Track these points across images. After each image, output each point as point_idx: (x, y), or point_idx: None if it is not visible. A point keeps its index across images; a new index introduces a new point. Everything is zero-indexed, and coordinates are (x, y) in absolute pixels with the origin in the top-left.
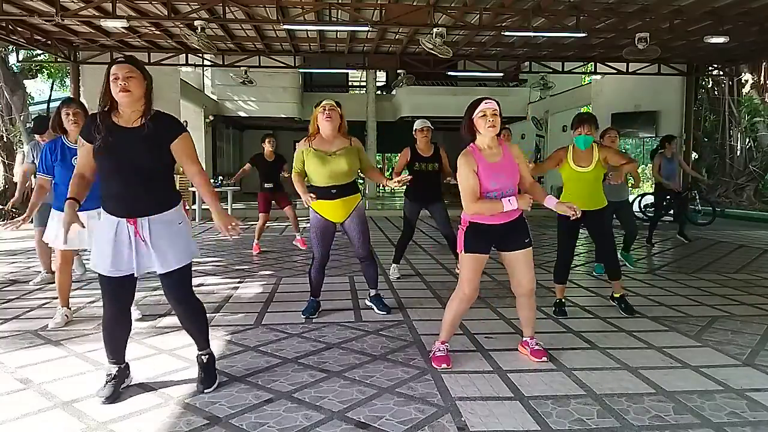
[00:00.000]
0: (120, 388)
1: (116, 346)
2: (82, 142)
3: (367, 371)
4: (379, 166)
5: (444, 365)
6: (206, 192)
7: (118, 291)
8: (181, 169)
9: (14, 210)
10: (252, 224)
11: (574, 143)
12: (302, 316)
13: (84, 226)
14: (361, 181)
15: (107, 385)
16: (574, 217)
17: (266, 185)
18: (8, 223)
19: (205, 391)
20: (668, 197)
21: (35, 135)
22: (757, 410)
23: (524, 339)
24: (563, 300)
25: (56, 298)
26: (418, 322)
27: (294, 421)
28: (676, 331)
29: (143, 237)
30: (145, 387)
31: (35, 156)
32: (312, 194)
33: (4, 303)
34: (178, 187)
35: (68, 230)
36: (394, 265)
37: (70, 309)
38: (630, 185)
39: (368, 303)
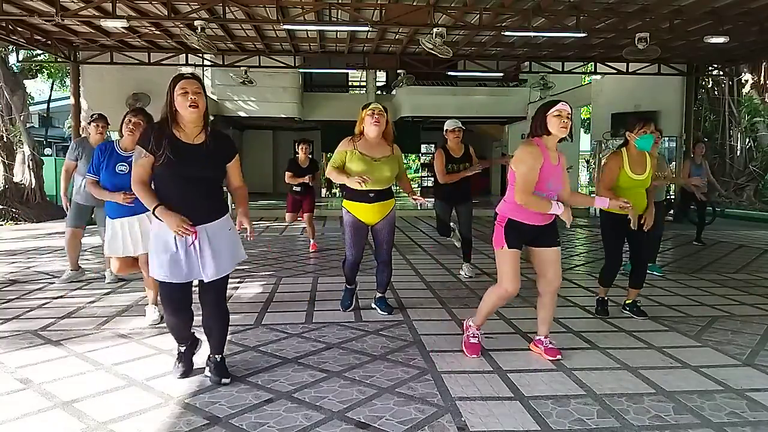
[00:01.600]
0: (191, 360)
1: (182, 335)
2: (144, 152)
3: (367, 371)
4: None
5: (474, 355)
6: (243, 200)
7: (176, 295)
8: None
9: (14, 210)
10: (253, 224)
11: (630, 147)
12: (342, 309)
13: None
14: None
15: (178, 366)
16: (625, 211)
17: (295, 188)
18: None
19: (223, 381)
20: (692, 203)
21: (89, 130)
22: (757, 410)
23: (538, 337)
24: (605, 299)
25: (57, 297)
26: (418, 322)
27: (294, 421)
28: (676, 331)
29: (201, 244)
30: (145, 387)
31: (79, 154)
32: (365, 178)
33: (4, 303)
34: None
35: (183, 231)
36: (466, 264)
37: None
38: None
39: (373, 305)
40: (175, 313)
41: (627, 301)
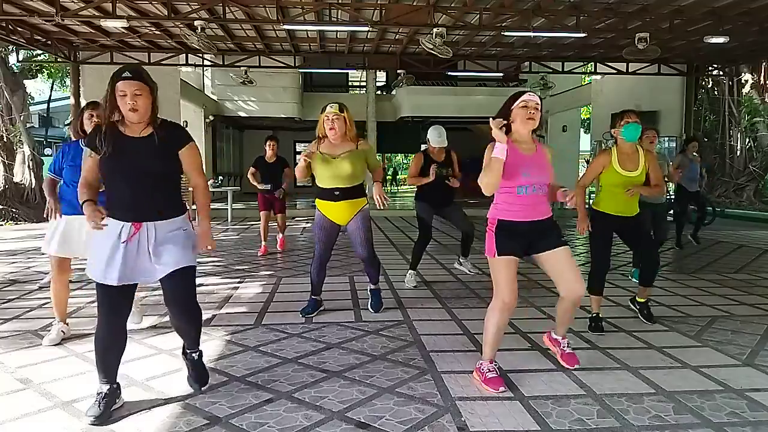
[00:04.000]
0: (111, 408)
1: (109, 363)
2: (89, 151)
3: (367, 371)
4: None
5: (502, 388)
6: (203, 206)
7: (117, 301)
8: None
9: (14, 210)
10: (253, 224)
11: (618, 142)
12: (300, 315)
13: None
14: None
15: (97, 404)
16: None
17: (265, 186)
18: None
19: (202, 389)
20: (691, 201)
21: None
22: (757, 410)
23: (555, 336)
24: (599, 315)
25: None
26: (418, 322)
27: (294, 421)
28: (676, 331)
29: (147, 241)
30: (145, 387)
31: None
32: (307, 156)
33: (4, 303)
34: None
35: (97, 227)
36: (411, 271)
37: (67, 324)
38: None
39: (368, 292)
40: (106, 321)
41: (639, 299)
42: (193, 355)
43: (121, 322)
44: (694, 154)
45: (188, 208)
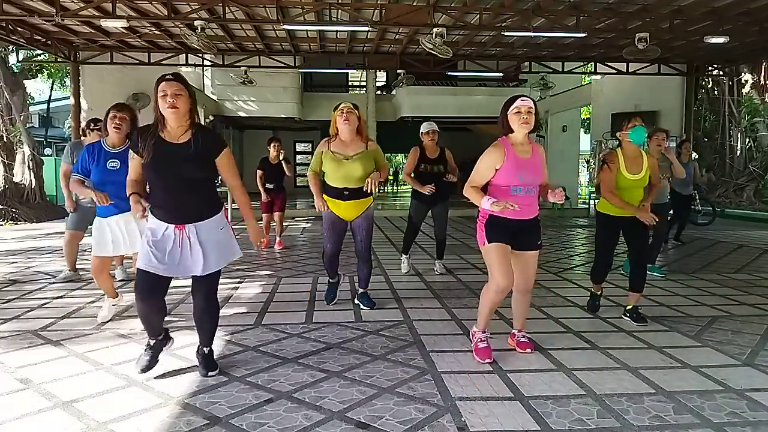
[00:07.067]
0: (158, 356)
1: (151, 324)
2: (133, 154)
3: (367, 371)
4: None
5: (487, 360)
6: (245, 204)
7: (147, 285)
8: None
9: (14, 210)
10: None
11: (623, 145)
12: (326, 303)
13: (144, 216)
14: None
15: (143, 356)
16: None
17: (267, 185)
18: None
19: (210, 373)
20: (681, 201)
21: (88, 133)
22: (757, 410)
23: (513, 331)
24: (599, 295)
25: (57, 297)
26: (418, 322)
27: (294, 421)
28: (676, 331)
29: (190, 242)
30: (145, 387)
31: (74, 157)
32: (324, 202)
33: (4, 303)
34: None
35: (142, 217)
36: (403, 256)
37: (117, 298)
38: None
39: (356, 301)
40: (143, 300)
41: (627, 307)
42: (204, 350)
43: (157, 301)
44: (692, 157)
45: (225, 206)
